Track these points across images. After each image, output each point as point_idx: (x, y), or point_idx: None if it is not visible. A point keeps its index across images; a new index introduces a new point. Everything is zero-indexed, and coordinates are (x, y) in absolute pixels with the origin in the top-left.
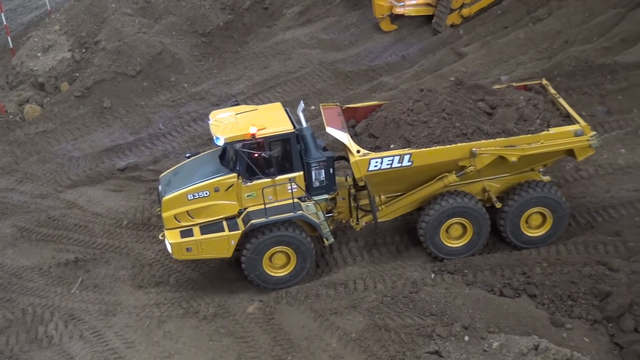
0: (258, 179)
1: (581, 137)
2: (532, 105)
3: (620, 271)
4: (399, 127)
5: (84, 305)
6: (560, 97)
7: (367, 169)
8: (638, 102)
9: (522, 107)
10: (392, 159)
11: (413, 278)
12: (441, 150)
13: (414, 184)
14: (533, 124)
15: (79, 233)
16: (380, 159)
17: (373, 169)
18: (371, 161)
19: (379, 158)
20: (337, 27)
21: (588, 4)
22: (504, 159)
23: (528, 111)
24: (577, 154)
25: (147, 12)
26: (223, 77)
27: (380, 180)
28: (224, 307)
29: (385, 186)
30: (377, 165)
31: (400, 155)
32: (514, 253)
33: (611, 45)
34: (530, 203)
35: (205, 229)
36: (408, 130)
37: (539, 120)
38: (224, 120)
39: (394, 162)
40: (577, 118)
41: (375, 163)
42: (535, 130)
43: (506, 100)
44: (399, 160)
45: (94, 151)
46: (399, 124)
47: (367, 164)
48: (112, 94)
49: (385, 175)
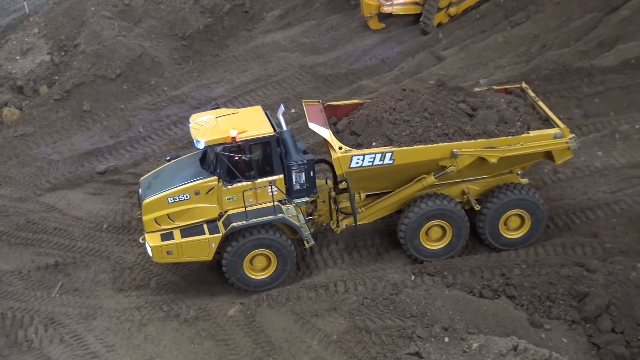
0: (239, 182)
1: (560, 139)
2: (513, 108)
3: (598, 272)
4: (381, 126)
5: (64, 309)
6: (540, 100)
7: (349, 165)
8: (614, 105)
9: (503, 110)
10: (373, 156)
11: (393, 280)
12: (423, 150)
13: (394, 183)
14: (513, 126)
15: (58, 237)
16: (362, 156)
17: (354, 165)
18: (353, 158)
19: (361, 155)
20: (317, 30)
21: (565, 8)
22: (484, 160)
23: (509, 114)
24: (555, 157)
25: (126, 15)
26: (203, 80)
27: (360, 177)
28: (205, 310)
29: (366, 183)
30: (358, 162)
31: (382, 153)
32: (493, 255)
33: (588, 49)
34: (508, 205)
35: (186, 232)
36: (390, 128)
37: (520, 123)
38: (205, 123)
39: (376, 160)
40: (556, 121)
41: (357, 160)
42: (516, 132)
43: (487, 102)
44: (380, 158)
45: (73, 154)
46: (381, 122)
47: (349, 161)
48: (91, 97)
49: (366, 172)
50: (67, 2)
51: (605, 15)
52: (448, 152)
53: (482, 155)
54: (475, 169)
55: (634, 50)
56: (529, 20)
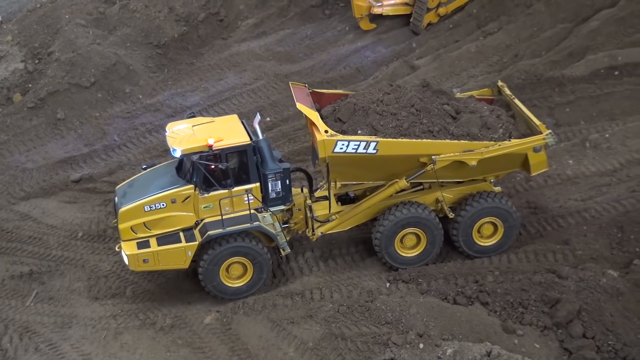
0: (215, 190)
1: (539, 137)
2: (496, 116)
3: (569, 279)
4: (368, 115)
5: (39, 318)
6: (516, 99)
7: (333, 150)
8: (585, 114)
9: (486, 116)
10: (358, 144)
11: (368, 287)
12: (407, 143)
13: (372, 175)
14: (496, 132)
15: (33, 245)
16: (347, 142)
17: (338, 150)
18: (338, 142)
19: (346, 141)
20: (292, 39)
21: (536, 19)
22: (462, 163)
23: (492, 120)
24: (531, 168)
25: (101, 24)
26: (178, 88)
27: (341, 163)
28: (181, 318)
29: (345, 170)
30: (342, 148)
31: (367, 141)
32: (466, 262)
33: (559, 59)
34: (482, 213)
35: (162, 241)
36: (376, 119)
37: (502, 130)
38: (181, 132)
39: (360, 148)
40: (533, 118)
41: (342, 145)
42: (498, 138)
43: (470, 107)
44: (364, 147)
45: (47, 163)
46: (368, 112)
47: (334, 145)
48: (65, 105)
49: (348, 159)
50: (41, 10)
51: (575, 26)
52: (431, 149)
53: (462, 159)
54: (454, 171)
55: (603, 60)
56: (501, 30)
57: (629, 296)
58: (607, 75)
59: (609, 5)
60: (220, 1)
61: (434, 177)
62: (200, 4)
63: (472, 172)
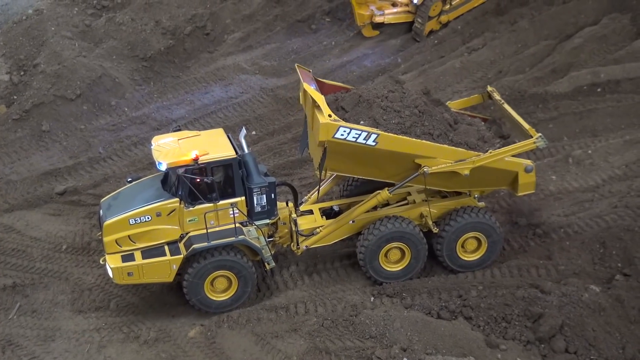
0: (200, 203)
1: (529, 141)
2: (492, 131)
3: (552, 294)
4: (371, 109)
5: (22, 331)
6: (505, 104)
7: (334, 134)
8: (568, 131)
9: (483, 130)
10: (359, 133)
11: (353, 301)
12: (406, 141)
13: (364, 169)
14: (493, 146)
15: (16, 257)
16: (349, 130)
17: (339, 136)
18: (340, 128)
19: (348, 128)
20: (277, 53)
21: (520, 35)
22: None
23: (488, 135)
24: (519, 188)
25: (87, 36)
26: (164, 101)
27: (338, 151)
28: (165, 331)
29: (340, 159)
30: (343, 135)
31: (368, 132)
32: (450, 277)
33: (542, 76)
34: (465, 228)
35: (147, 254)
36: (380, 113)
37: (499, 145)
38: (167, 145)
39: (360, 138)
40: (522, 123)
41: (343, 132)
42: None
43: (467, 120)
44: (365, 137)
45: (32, 175)
46: (372, 105)
47: (335, 130)
48: (51, 118)
49: (345, 147)
50: (27, 22)
51: (559, 43)
52: (429, 151)
53: (455, 169)
54: (443, 180)
55: (586, 77)
56: (485, 46)
57: (610, 311)
58: (589, 92)
59: (591, 23)
60: (207, 15)
61: (422, 183)
62: (186, 18)
63: (461, 183)
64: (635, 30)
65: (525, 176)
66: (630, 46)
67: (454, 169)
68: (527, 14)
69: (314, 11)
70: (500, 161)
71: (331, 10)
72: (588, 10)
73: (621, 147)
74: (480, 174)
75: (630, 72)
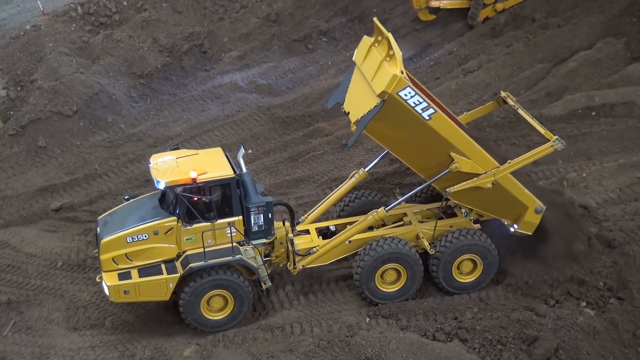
0: (198, 222)
1: (547, 145)
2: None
3: (547, 317)
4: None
5: (17, 348)
6: (520, 109)
7: (399, 91)
8: (562, 154)
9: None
10: (420, 101)
11: (349, 322)
12: (454, 130)
13: (400, 147)
14: None
15: (11, 274)
16: (414, 93)
17: (402, 95)
18: (407, 87)
19: (413, 92)
20: (274, 72)
21: (516, 58)
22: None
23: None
24: (520, 224)
25: (84, 53)
26: (160, 119)
27: (391, 112)
28: (161, 350)
29: (387, 121)
30: (407, 96)
31: (428, 105)
32: (446, 298)
33: (537, 98)
34: (461, 250)
35: (144, 272)
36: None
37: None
38: (165, 164)
39: (419, 106)
40: (538, 127)
41: (408, 92)
42: None
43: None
44: (423, 108)
45: (27, 190)
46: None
47: (402, 87)
48: (47, 133)
49: (401, 111)
50: (24, 38)
51: (553, 66)
52: (469, 150)
53: (477, 185)
54: (464, 195)
55: (580, 101)
56: (480, 68)
57: (605, 335)
58: (584, 115)
59: (585, 47)
60: (204, 33)
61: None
62: (184, 36)
63: (478, 199)
64: (629, 55)
65: (532, 215)
66: (624, 70)
67: (477, 184)
68: (523, 37)
69: (310, 31)
70: (519, 189)
71: (328, 30)
72: (582, 35)
73: (615, 171)
74: (495, 195)
75: (624, 96)
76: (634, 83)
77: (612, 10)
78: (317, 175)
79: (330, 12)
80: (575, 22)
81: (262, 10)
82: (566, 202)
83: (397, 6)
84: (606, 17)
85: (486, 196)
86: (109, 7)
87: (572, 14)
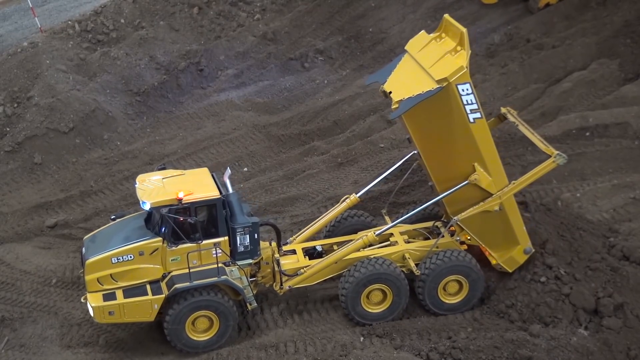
0: (183, 243)
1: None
2: None
3: (540, 337)
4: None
5: None
6: (520, 124)
7: (458, 83)
8: (556, 174)
9: None
10: (472, 103)
11: (343, 341)
12: (489, 142)
13: (431, 144)
14: None
15: (5, 291)
16: (470, 92)
17: (460, 89)
18: (467, 84)
19: (470, 90)
20: (270, 90)
21: (510, 78)
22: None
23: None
24: (505, 259)
25: (81, 70)
26: (156, 136)
27: (441, 103)
28: None
29: (433, 111)
30: (463, 91)
31: (478, 108)
32: (440, 317)
33: (532, 119)
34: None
35: (128, 293)
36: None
37: None
38: (151, 184)
39: (468, 106)
40: (539, 142)
41: (466, 88)
42: None
43: None
44: (472, 109)
45: (23, 207)
46: None
47: (463, 81)
48: (43, 150)
49: (450, 105)
50: (21, 54)
51: (548, 86)
52: (494, 167)
53: (485, 208)
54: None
55: (575, 121)
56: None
57: (598, 355)
58: (578, 135)
59: (580, 68)
60: (201, 51)
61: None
62: (180, 54)
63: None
64: (623, 76)
65: (519, 253)
66: (618, 91)
67: (484, 208)
68: (517, 57)
69: (307, 50)
70: (518, 222)
71: (324, 49)
72: (577, 55)
73: (609, 191)
74: (495, 223)
75: (618, 116)
76: (627, 104)
77: (607, 31)
78: (312, 193)
79: (326, 31)
80: (570, 43)
81: (259, 28)
82: None
83: (393, 26)
84: (600, 38)
85: (487, 222)
86: (107, 24)
87: (566, 35)
